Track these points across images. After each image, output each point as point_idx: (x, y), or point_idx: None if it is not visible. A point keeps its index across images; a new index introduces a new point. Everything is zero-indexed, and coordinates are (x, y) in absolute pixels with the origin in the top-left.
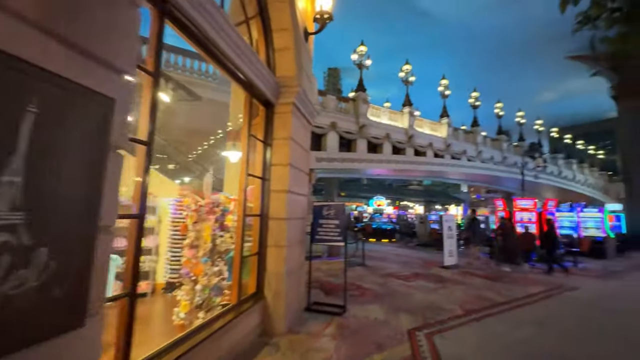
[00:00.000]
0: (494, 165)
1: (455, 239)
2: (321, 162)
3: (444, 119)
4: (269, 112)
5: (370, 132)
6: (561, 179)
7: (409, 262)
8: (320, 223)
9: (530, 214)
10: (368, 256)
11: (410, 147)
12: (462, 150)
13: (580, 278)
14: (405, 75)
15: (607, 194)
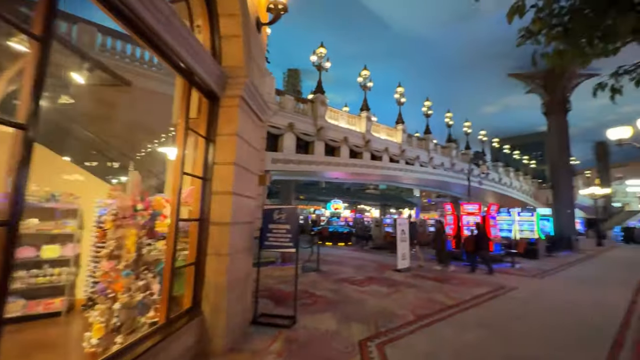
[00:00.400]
0: (444, 171)
1: (408, 242)
2: (277, 163)
3: (399, 125)
4: (213, 105)
5: (328, 134)
6: (501, 185)
7: (363, 266)
8: (270, 228)
9: (476, 217)
10: (323, 260)
11: (367, 151)
12: (416, 156)
13: (518, 278)
14: (364, 80)
15: (538, 200)
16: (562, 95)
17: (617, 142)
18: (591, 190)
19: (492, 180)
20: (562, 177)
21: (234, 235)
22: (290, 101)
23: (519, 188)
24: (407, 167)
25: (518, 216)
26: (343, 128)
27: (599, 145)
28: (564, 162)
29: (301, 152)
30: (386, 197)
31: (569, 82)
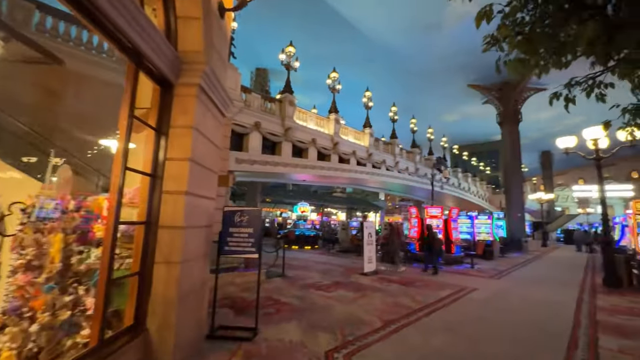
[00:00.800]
0: (408, 176)
1: (374, 246)
2: (242, 164)
3: (367, 129)
4: (166, 93)
5: (296, 135)
6: (460, 189)
7: (330, 270)
8: (231, 232)
9: (438, 220)
10: (289, 265)
11: (335, 153)
12: (382, 159)
13: (477, 279)
14: (332, 82)
15: (492, 204)
16: (514, 107)
17: (564, 150)
18: (538, 196)
19: (452, 185)
20: (514, 183)
21: (188, 241)
22: (257, 99)
23: (476, 193)
24: (374, 170)
25: (476, 219)
26: (311, 129)
27: (544, 154)
28: (515, 169)
29: (268, 152)
30: (352, 200)
31: (520, 95)
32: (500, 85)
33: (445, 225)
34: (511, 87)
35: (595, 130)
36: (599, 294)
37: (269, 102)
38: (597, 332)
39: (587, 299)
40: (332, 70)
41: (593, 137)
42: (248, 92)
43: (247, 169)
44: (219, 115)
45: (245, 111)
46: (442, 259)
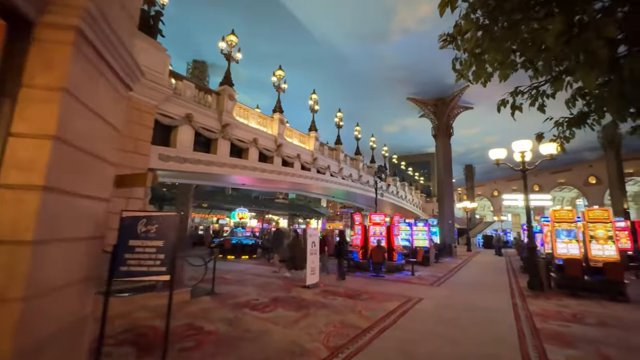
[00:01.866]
0: (352, 182)
1: (318, 255)
2: (168, 161)
3: (312, 132)
4: (16, 33)
5: (235, 133)
6: (398, 197)
7: (268, 284)
8: (131, 246)
9: (382, 227)
10: (222, 279)
11: (279, 156)
12: (327, 165)
13: (420, 287)
14: (278, 80)
15: (425, 212)
16: (447, 122)
17: (495, 161)
18: (464, 204)
19: (392, 192)
20: (446, 192)
21: (47, 262)
22: (190, 88)
23: (412, 201)
24: (319, 175)
25: (415, 226)
26: (253, 128)
27: (467, 167)
28: (447, 180)
29: (201, 150)
30: (295, 206)
31: (452, 111)
32: (435, 101)
33: (388, 233)
34: (444, 103)
35: (524, 143)
36: (527, 297)
37: (205, 93)
38: (542, 342)
39: (520, 304)
40: (278, 68)
41: (521, 150)
42: (179, 79)
43: (175, 168)
44: (120, 87)
45: (174, 100)
46: (384, 267)
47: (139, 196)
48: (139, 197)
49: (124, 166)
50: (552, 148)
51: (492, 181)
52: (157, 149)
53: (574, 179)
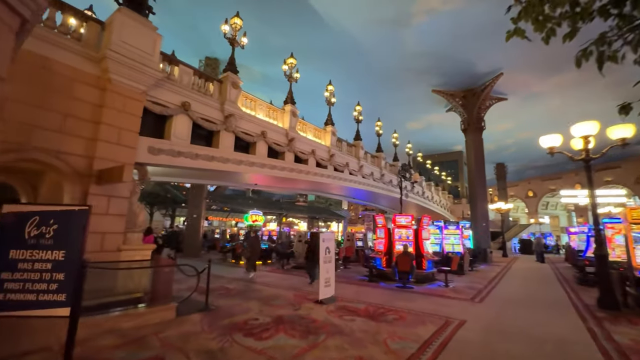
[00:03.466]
0: (373, 182)
1: (333, 264)
2: (159, 154)
3: (328, 126)
4: None
5: (240, 125)
6: (424, 198)
7: (276, 297)
8: (12, 261)
9: (408, 230)
10: (224, 290)
11: (291, 151)
12: (345, 162)
13: (457, 303)
14: (289, 69)
15: (453, 214)
16: (478, 115)
17: (548, 150)
18: (498, 205)
19: (417, 193)
20: (479, 192)
21: None
22: (188, 74)
23: (439, 202)
24: (336, 174)
25: (445, 229)
26: (261, 120)
27: (498, 166)
28: (479, 178)
29: (202, 143)
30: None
31: (483, 103)
32: (464, 92)
33: (416, 237)
34: (475, 94)
35: (588, 126)
36: (603, 320)
37: (206, 80)
38: None
39: (599, 332)
40: (290, 56)
41: (584, 134)
42: (175, 63)
43: (167, 162)
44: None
45: (168, 86)
46: (412, 276)
47: (122, 194)
48: (123, 195)
49: (105, 159)
50: (626, 131)
51: (525, 181)
52: (146, 141)
53: (624, 177)
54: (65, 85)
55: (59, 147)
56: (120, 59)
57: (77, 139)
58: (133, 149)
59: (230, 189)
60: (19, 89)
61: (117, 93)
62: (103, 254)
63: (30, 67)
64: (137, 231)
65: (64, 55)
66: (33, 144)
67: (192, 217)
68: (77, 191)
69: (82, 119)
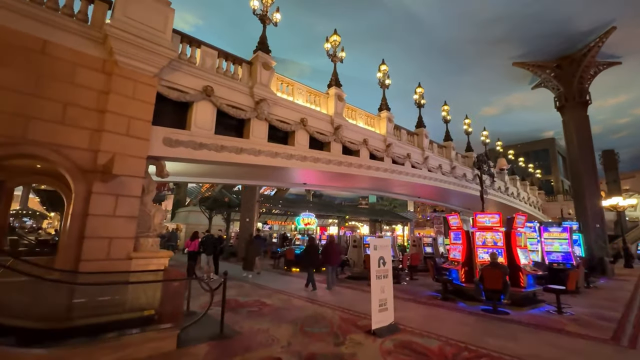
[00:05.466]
0: (442, 176)
1: (391, 280)
2: (176, 146)
3: (384, 112)
4: None
5: (274, 112)
6: (508, 195)
7: (316, 319)
8: None
9: (495, 234)
10: (258, 305)
11: (338, 142)
12: (406, 153)
13: (595, 347)
14: (333, 48)
15: (546, 213)
16: (580, 86)
17: None
18: (614, 201)
19: (498, 189)
20: (586, 183)
21: None
22: (211, 56)
23: (527, 200)
24: (396, 167)
25: (545, 232)
26: (300, 106)
27: (606, 153)
28: (587, 165)
29: (231, 134)
30: (376, 211)
31: (586, 71)
32: (558, 60)
33: (507, 242)
34: (573, 61)
35: None
36: None
37: (233, 62)
38: None
39: None
40: (333, 33)
41: None
42: (196, 44)
43: (188, 156)
44: None
45: (185, 69)
46: (506, 296)
47: (132, 193)
48: (133, 194)
49: (112, 153)
50: None
51: None
52: (161, 132)
53: None
54: (66, 70)
55: (58, 140)
56: (126, 37)
57: (80, 130)
58: (145, 140)
59: (291, 193)
60: (13, 76)
61: (125, 77)
62: (110, 263)
63: (26, 51)
64: (151, 236)
65: (66, 38)
66: (29, 137)
67: (244, 221)
68: (82, 190)
69: (85, 108)
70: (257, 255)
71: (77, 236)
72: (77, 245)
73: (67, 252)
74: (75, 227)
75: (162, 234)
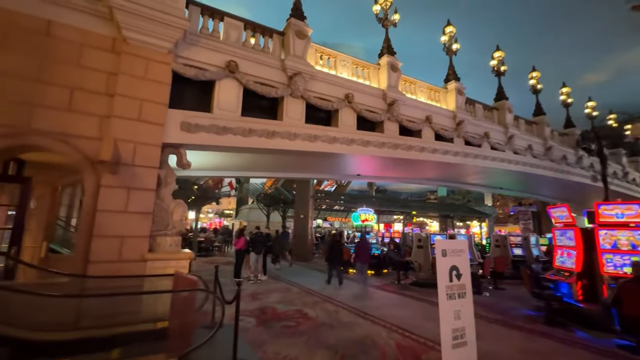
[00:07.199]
0: (532, 159)
1: (470, 300)
2: (197, 132)
3: (451, 83)
4: None
5: (312, 88)
6: (628, 182)
7: (362, 347)
8: None
9: (635, 234)
10: (295, 319)
11: (392, 120)
12: (483, 133)
13: None
14: (383, 9)
15: None
16: None
17: None
18: None
19: (614, 175)
20: None
21: None
22: (236, 28)
23: None
24: (470, 149)
25: None
26: (344, 80)
27: None
28: None
29: (262, 116)
30: (446, 206)
31: None
32: None
33: None
34: None
35: None
36: None
37: (262, 34)
38: None
39: None
40: None
41: None
42: (219, 16)
43: (210, 142)
44: None
45: (204, 43)
46: None
47: (146, 186)
48: (147, 187)
49: (122, 141)
50: None
51: None
52: (179, 116)
53: None
54: (72, 52)
55: (65, 128)
56: (132, 8)
57: (89, 117)
58: (159, 125)
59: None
60: (16, 61)
61: (135, 55)
62: (121, 266)
63: (29, 33)
64: (170, 234)
65: (71, 16)
66: (34, 126)
67: (299, 218)
68: (92, 184)
69: (94, 93)
70: (285, 249)
71: (85, 235)
72: (86, 245)
73: (76, 253)
74: (85, 225)
75: (222, 229)
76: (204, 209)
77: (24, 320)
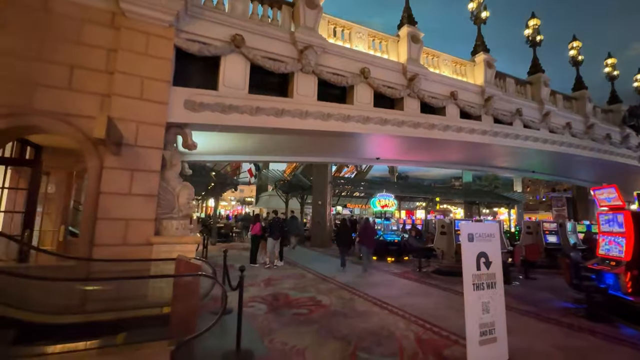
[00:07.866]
0: (571, 138)
1: (501, 292)
2: (202, 110)
3: (479, 55)
4: None
5: (324, 62)
6: None
7: (377, 338)
8: None
9: None
10: (308, 306)
11: (413, 97)
12: (515, 109)
13: None
14: None
15: None
16: None
17: None
18: None
19: None
20: None
21: None
22: (243, 1)
23: None
24: (500, 128)
25: None
26: (359, 53)
27: None
28: None
29: (272, 94)
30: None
31: None
32: None
33: None
34: None
35: None
36: None
37: (269, 5)
38: None
39: None
40: None
41: None
42: None
43: (215, 122)
44: None
45: (208, 15)
46: None
47: (150, 167)
48: (151, 168)
49: (123, 120)
50: None
51: None
52: (183, 93)
53: None
54: (71, 28)
55: (66, 108)
56: None
57: (90, 96)
58: (163, 104)
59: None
60: (14, 39)
61: (135, 30)
62: (126, 249)
63: (27, 10)
64: (176, 217)
65: None
66: (34, 106)
67: (317, 204)
68: (95, 165)
69: (94, 70)
70: (292, 234)
71: (89, 218)
72: (91, 228)
73: (82, 236)
74: (89, 207)
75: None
76: (226, 196)
77: (30, 303)
